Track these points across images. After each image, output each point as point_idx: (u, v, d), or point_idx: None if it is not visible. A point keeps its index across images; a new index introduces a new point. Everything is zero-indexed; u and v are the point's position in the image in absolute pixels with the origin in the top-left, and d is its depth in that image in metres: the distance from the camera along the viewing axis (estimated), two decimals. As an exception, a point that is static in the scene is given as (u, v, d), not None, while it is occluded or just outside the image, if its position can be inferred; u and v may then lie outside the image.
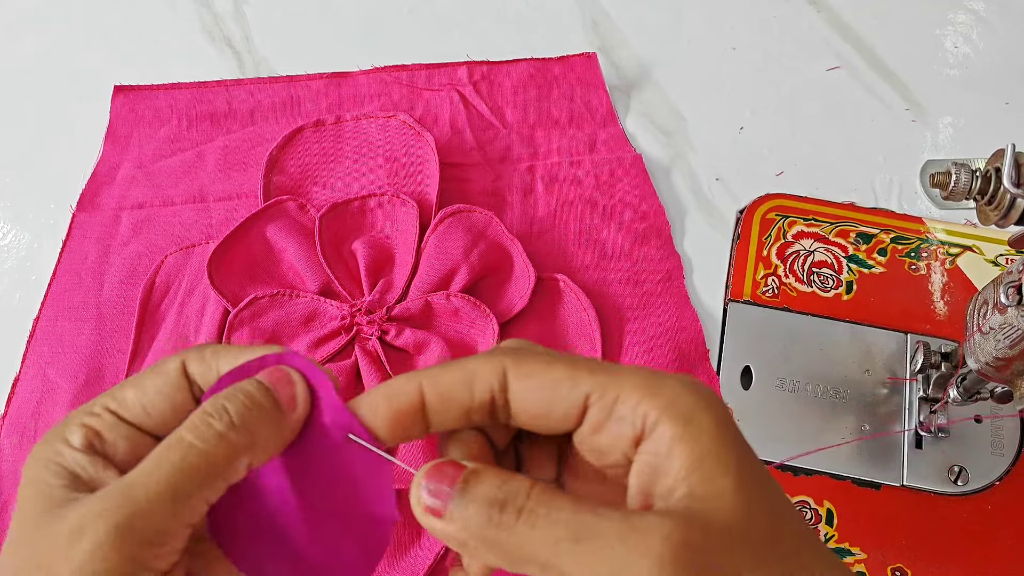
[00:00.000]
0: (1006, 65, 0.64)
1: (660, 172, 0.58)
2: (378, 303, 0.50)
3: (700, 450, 0.20)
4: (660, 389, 0.21)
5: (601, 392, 0.21)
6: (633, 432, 0.21)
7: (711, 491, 0.20)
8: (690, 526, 0.19)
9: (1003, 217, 0.35)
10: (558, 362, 0.22)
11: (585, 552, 0.19)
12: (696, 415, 0.21)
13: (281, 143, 0.56)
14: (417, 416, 0.22)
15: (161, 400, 0.24)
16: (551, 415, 0.22)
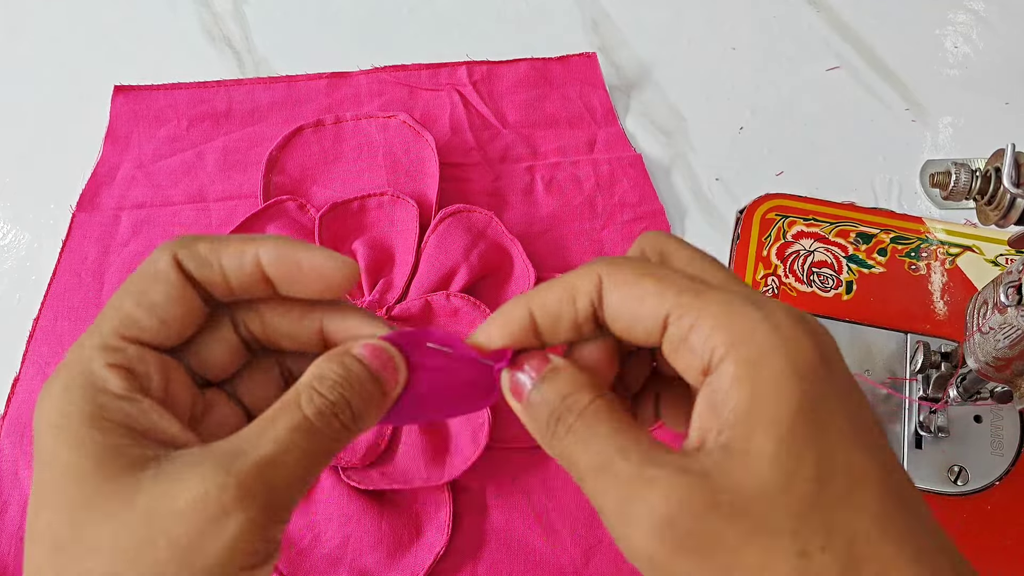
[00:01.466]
0: (1006, 65, 0.64)
1: (660, 172, 0.58)
2: (378, 303, 0.50)
3: (753, 399, 0.18)
4: (736, 321, 0.19)
5: (679, 315, 0.20)
6: (701, 363, 0.20)
7: (746, 449, 0.18)
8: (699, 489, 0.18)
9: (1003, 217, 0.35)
10: (649, 275, 0.21)
11: (599, 485, 0.20)
12: (765, 358, 0.18)
13: (281, 143, 0.56)
14: (529, 336, 0.23)
15: (171, 305, 0.22)
16: (636, 328, 0.21)
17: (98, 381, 0.20)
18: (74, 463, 0.19)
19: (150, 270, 0.22)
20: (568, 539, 0.44)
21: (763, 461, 0.18)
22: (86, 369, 0.20)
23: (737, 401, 0.18)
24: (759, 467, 0.18)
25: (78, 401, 0.20)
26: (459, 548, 0.44)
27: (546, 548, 0.44)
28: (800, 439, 0.18)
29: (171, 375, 0.22)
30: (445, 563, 0.44)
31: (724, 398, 0.19)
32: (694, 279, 0.21)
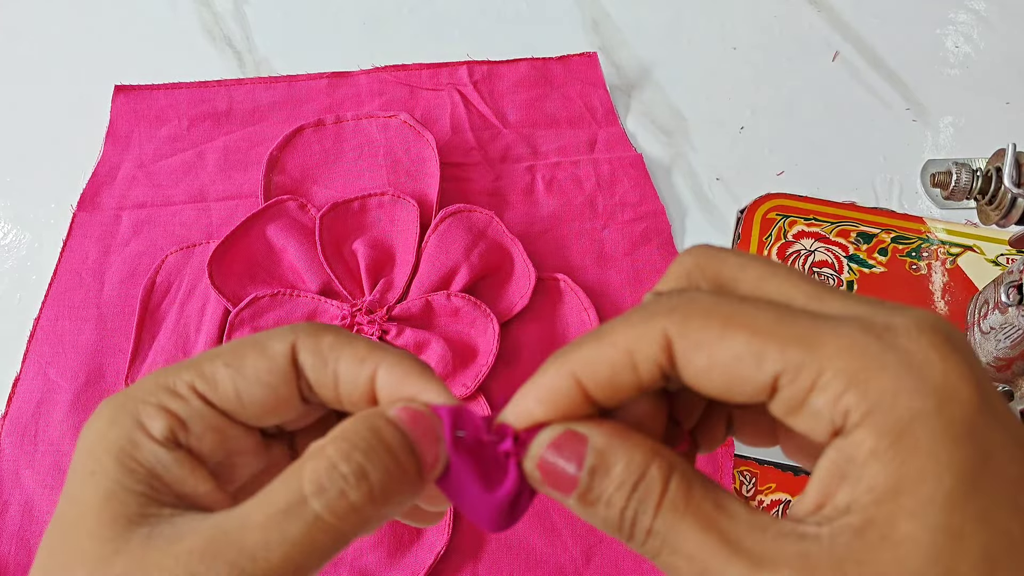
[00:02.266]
0: (1007, 65, 0.64)
1: (660, 172, 0.58)
2: (378, 303, 0.50)
3: (900, 474, 0.15)
4: (874, 375, 0.15)
5: (793, 374, 0.16)
6: (829, 427, 0.16)
7: (890, 536, 0.15)
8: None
9: (1004, 217, 0.35)
10: (735, 325, 0.17)
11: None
12: (913, 427, 0.15)
13: (281, 143, 0.56)
14: (579, 408, 0.18)
15: (261, 389, 0.20)
16: (733, 393, 0.17)
17: (144, 419, 0.19)
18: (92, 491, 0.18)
19: (265, 343, 0.20)
20: (569, 539, 0.44)
21: (915, 551, 0.15)
22: (141, 402, 0.19)
23: (876, 479, 0.15)
24: (909, 559, 0.15)
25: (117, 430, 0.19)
26: (459, 548, 0.44)
27: (546, 548, 0.44)
28: (960, 519, 0.15)
29: (235, 441, 0.20)
30: (445, 563, 0.44)
31: (860, 472, 0.15)
32: (791, 313, 0.17)
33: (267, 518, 0.17)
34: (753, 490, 0.46)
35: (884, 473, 0.15)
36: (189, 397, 0.19)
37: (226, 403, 0.20)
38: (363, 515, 0.18)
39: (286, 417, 0.21)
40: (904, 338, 0.16)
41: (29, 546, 0.44)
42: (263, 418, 0.20)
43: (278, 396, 0.20)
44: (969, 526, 0.15)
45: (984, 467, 0.15)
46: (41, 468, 0.46)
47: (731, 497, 0.17)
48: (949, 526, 0.15)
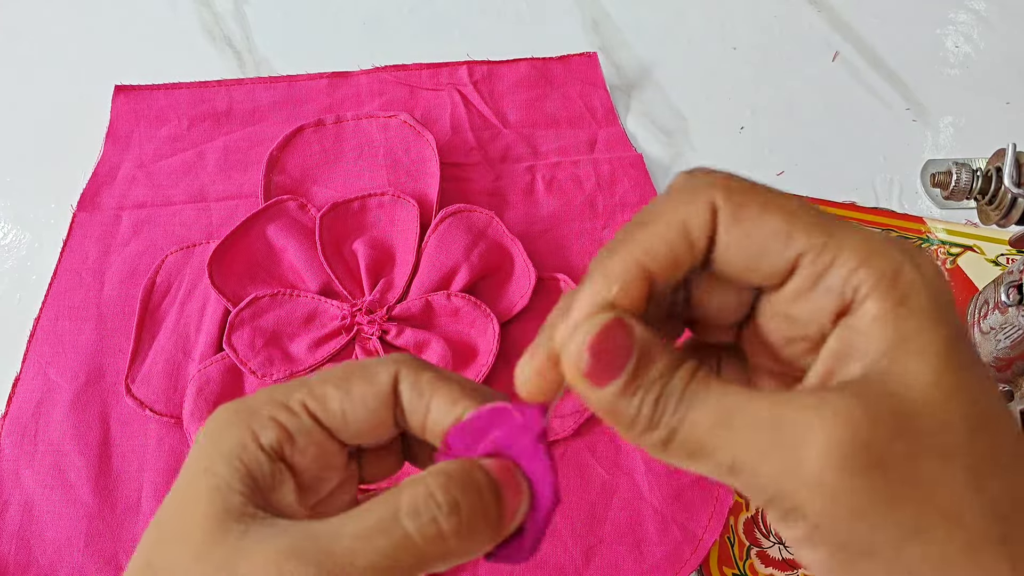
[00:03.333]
0: (1007, 65, 0.64)
1: (660, 172, 0.58)
2: (379, 303, 0.50)
3: (904, 329, 0.17)
4: (880, 260, 0.17)
5: (818, 252, 0.18)
6: (840, 304, 0.18)
7: (903, 371, 0.17)
8: (861, 408, 0.16)
9: (1004, 217, 0.35)
10: (774, 208, 0.18)
11: (729, 436, 0.17)
12: (913, 292, 0.17)
13: (282, 143, 0.56)
14: (643, 293, 0.19)
15: (364, 411, 0.21)
16: (755, 271, 0.18)
17: (257, 428, 0.21)
18: (205, 485, 0.20)
19: (371, 372, 0.22)
20: (569, 539, 0.44)
21: (924, 382, 0.17)
22: (256, 412, 0.21)
23: (884, 335, 0.17)
24: (921, 388, 0.17)
25: (232, 434, 0.21)
26: (459, 548, 0.44)
27: (546, 548, 0.44)
28: (955, 368, 0.17)
29: (331, 458, 0.22)
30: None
31: (866, 336, 0.17)
32: (813, 208, 0.18)
33: (359, 530, 0.19)
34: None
35: (891, 328, 0.17)
36: (300, 413, 0.21)
37: (332, 421, 0.21)
38: (447, 545, 0.19)
39: (381, 438, 0.23)
40: (910, 249, 0.18)
41: (29, 546, 0.44)
42: (361, 437, 0.22)
43: (378, 419, 0.22)
44: (962, 375, 0.17)
45: (960, 332, 0.18)
46: (41, 468, 0.46)
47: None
48: (947, 367, 0.17)
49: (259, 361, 0.47)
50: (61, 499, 0.45)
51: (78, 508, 0.45)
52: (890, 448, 0.16)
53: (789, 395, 0.17)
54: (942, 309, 0.17)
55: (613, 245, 0.19)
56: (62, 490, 0.45)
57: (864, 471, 0.16)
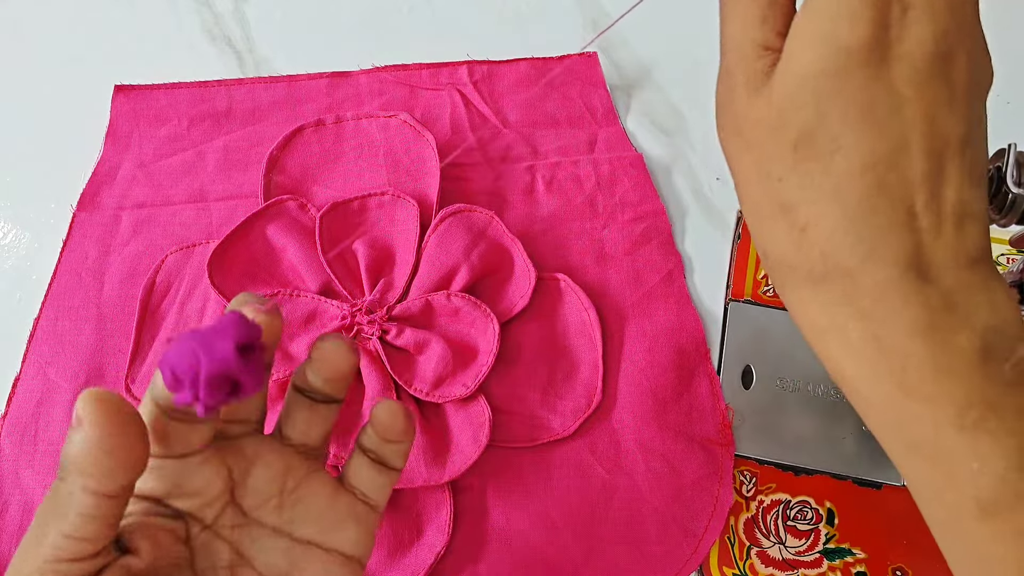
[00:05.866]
0: (1007, 65, 0.64)
1: (661, 172, 0.58)
2: (378, 303, 0.50)
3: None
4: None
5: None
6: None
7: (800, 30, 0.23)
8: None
9: (1004, 217, 0.35)
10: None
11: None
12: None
13: (281, 143, 0.56)
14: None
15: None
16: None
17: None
18: None
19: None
20: (569, 538, 0.44)
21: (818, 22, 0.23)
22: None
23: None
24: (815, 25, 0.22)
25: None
26: (459, 548, 0.44)
27: (546, 548, 0.44)
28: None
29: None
30: (445, 563, 0.44)
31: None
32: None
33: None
34: (754, 490, 0.46)
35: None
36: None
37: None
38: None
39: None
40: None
41: (29, 546, 0.44)
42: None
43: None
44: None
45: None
46: (41, 468, 0.46)
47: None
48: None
49: (259, 361, 0.47)
50: (61, 499, 0.45)
51: (78, 508, 0.44)
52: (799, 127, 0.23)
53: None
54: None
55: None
56: None
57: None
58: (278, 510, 0.27)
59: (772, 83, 0.22)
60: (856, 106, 0.22)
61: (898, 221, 0.22)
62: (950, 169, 0.22)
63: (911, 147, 0.22)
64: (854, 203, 0.22)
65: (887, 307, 0.22)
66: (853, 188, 0.22)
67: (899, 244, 0.22)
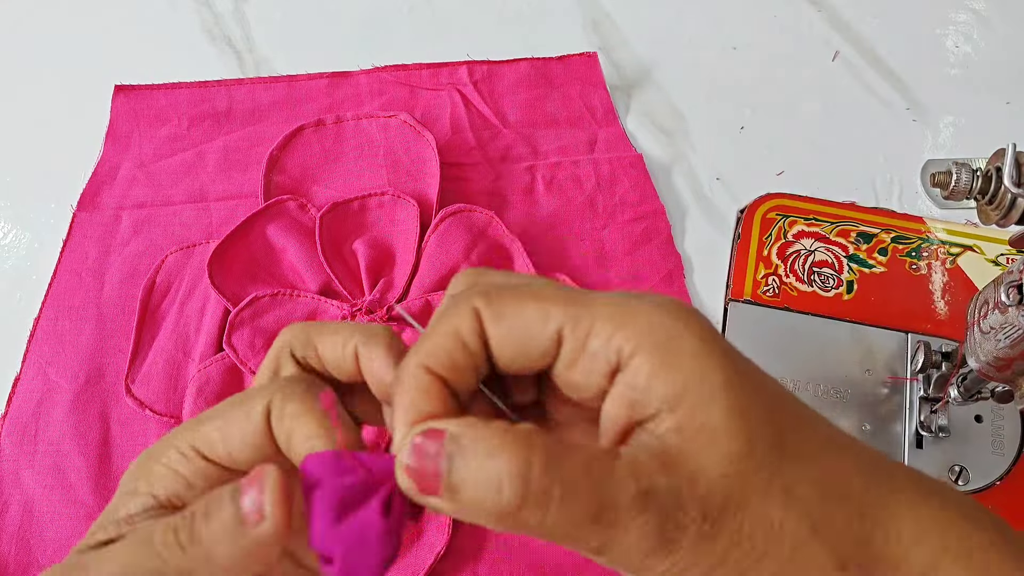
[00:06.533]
0: (1007, 65, 0.64)
1: (660, 172, 0.58)
2: (379, 303, 0.50)
3: (682, 380, 0.19)
4: (634, 317, 0.19)
5: (573, 325, 0.20)
6: (608, 367, 0.19)
7: (699, 423, 0.19)
8: (686, 475, 0.18)
9: (1004, 217, 0.35)
10: (526, 296, 0.20)
11: (600, 539, 0.19)
12: (675, 341, 0.19)
13: (282, 143, 0.56)
14: (444, 396, 0.20)
15: (243, 445, 0.22)
16: (528, 355, 0.20)
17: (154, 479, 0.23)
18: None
19: (249, 407, 0.23)
20: (569, 539, 0.44)
21: (720, 436, 0.18)
22: (157, 461, 0.23)
23: (665, 391, 0.19)
24: (721, 438, 0.18)
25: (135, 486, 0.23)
26: (459, 548, 0.44)
27: (546, 548, 0.44)
28: (744, 402, 0.19)
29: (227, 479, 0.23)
30: (445, 563, 0.44)
31: (647, 391, 0.19)
32: (565, 288, 0.21)
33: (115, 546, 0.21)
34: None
35: (668, 383, 0.19)
36: (192, 457, 0.22)
37: (222, 458, 0.22)
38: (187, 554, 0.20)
39: (265, 461, 0.23)
40: (647, 296, 0.20)
41: (29, 546, 0.44)
42: (250, 465, 0.22)
43: (259, 451, 0.22)
44: (748, 401, 0.19)
45: (735, 361, 0.20)
46: (41, 468, 0.46)
47: (579, 445, 0.19)
48: (735, 405, 0.19)
49: (259, 361, 0.47)
50: (61, 499, 0.45)
51: (78, 508, 0.45)
52: (700, 531, 0.18)
53: (643, 474, 0.18)
54: (709, 345, 0.19)
55: (407, 357, 0.21)
56: (62, 490, 0.45)
57: (704, 539, 0.18)
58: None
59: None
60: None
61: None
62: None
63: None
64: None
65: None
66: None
67: None
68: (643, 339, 0.19)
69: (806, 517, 0.19)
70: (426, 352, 0.20)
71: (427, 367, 0.20)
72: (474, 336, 0.20)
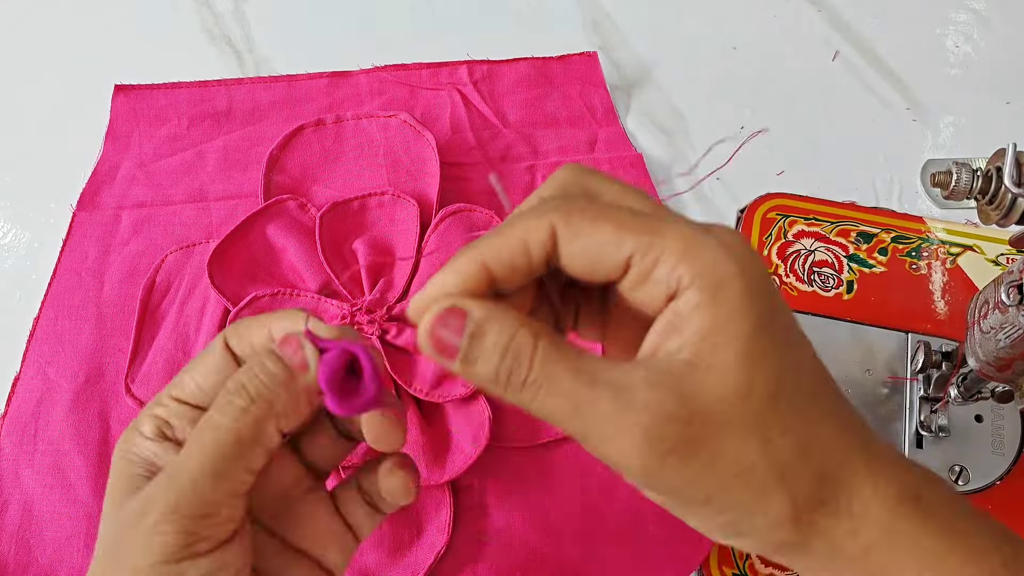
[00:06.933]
0: (1007, 64, 0.64)
1: (660, 171, 0.58)
2: (378, 302, 0.50)
3: (716, 318, 0.21)
4: (699, 252, 0.21)
5: (643, 253, 0.21)
6: (667, 292, 0.21)
7: (712, 361, 0.21)
8: (675, 401, 0.20)
9: (1004, 216, 0.35)
10: (604, 219, 0.22)
11: (579, 422, 0.21)
12: (727, 282, 0.21)
13: (282, 142, 0.56)
14: (484, 287, 0.23)
15: (213, 376, 0.27)
16: (596, 271, 0.22)
17: (140, 426, 0.27)
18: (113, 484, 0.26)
19: (210, 345, 0.28)
20: (568, 538, 0.44)
21: (727, 372, 0.21)
22: (140, 418, 0.27)
23: (700, 323, 0.21)
24: (724, 377, 0.21)
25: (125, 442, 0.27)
26: (459, 548, 0.44)
27: (546, 548, 0.44)
28: (758, 351, 0.21)
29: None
30: (445, 563, 0.44)
31: (687, 320, 0.21)
32: (643, 214, 0.22)
33: (190, 439, 0.25)
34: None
35: (706, 317, 0.21)
36: (168, 403, 0.27)
37: (192, 396, 0.27)
38: (251, 414, 0.25)
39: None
40: (717, 231, 0.22)
41: (29, 546, 0.44)
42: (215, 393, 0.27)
43: (224, 376, 0.27)
44: (763, 351, 0.21)
45: (771, 315, 0.21)
46: (41, 468, 0.46)
47: (589, 352, 0.22)
48: (751, 351, 0.21)
49: (259, 361, 0.47)
50: (61, 499, 0.45)
51: (78, 508, 0.45)
52: (697, 435, 0.20)
53: (622, 387, 0.21)
54: (754, 295, 0.21)
55: (474, 244, 0.23)
56: (62, 490, 0.45)
57: (677, 457, 0.21)
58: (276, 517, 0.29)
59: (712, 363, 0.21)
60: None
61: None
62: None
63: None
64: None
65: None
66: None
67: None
68: (700, 275, 0.21)
69: (776, 466, 0.21)
70: (489, 247, 0.23)
71: (483, 261, 0.22)
72: (540, 248, 0.22)
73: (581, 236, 0.22)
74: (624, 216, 0.22)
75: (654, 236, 0.21)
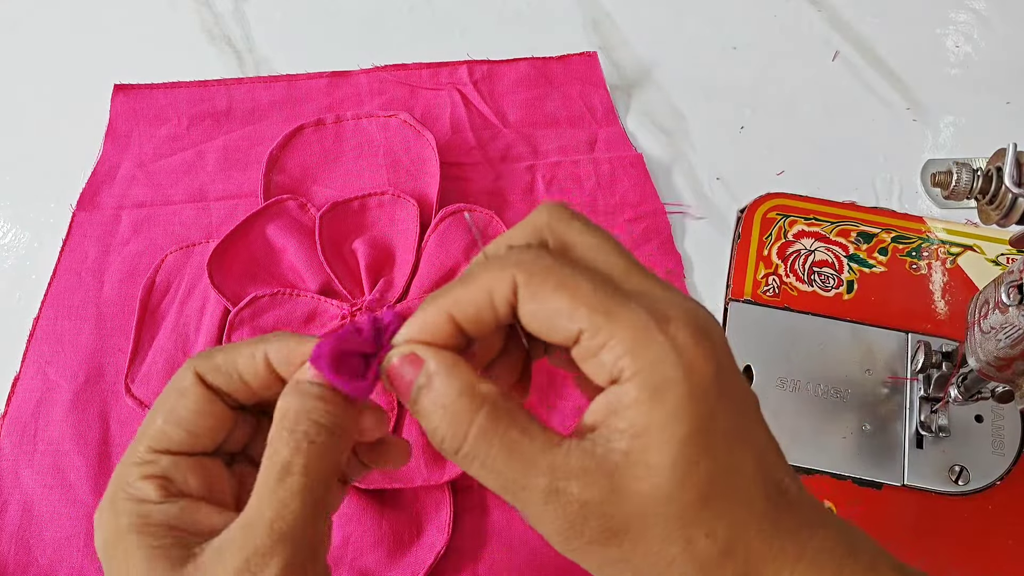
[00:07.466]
0: (1007, 64, 0.64)
1: (660, 171, 0.58)
2: (379, 302, 0.50)
3: (651, 419, 0.21)
4: (645, 350, 0.21)
5: (592, 334, 0.21)
6: (608, 376, 0.22)
7: (644, 460, 0.21)
8: (606, 494, 0.21)
9: (1004, 216, 0.35)
10: (563, 288, 0.22)
11: (511, 498, 0.22)
12: (667, 386, 0.21)
13: (281, 142, 0.56)
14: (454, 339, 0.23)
15: (202, 421, 0.25)
16: (550, 336, 0.23)
17: (138, 493, 0.24)
18: (139, 567, 0.22)
19: (177, 387, 0.25)
20: (569, 539, 0.44)
21: (658, 474, 0.21)
22: (126, 484, 0.24)
23: (635, 420, 0.21)
24: (654, 479, 0.21)
25: (123, 515, 0.23)
26: (459, 548, 0.44)
27: (547, 547, 0.44)
28: (691, 457, 0.21)
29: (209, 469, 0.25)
30: (445, 563, 0.44)
31: (625, 412, 0.21)
32: (604, 287, 0.22)
33: (264, 495, 0.23)
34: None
35: (641, 415, 0.21)
36: (156, 458, 0.25)
37: (184, 445, 0.25)
38: (323, 448, 0.23)
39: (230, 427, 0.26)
40: (674, 326, 0.21)
41: (28, 546, 0.44)
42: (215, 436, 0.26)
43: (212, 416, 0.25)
44: (695, 458, 0.21)
45: (710, 421, 0.21)
46: (41, 468, 0.46)
47: (532, 420, 0.22)
48: (683, 457, 0.21)
49: (259, 361, 0.47)
50: (61, 499, 0.45)
51: (78, 508, 0.44)
52: (625, 526, 0.21)
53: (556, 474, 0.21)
54: (695, 399, 0.21)
55: (441, 292, 0.23)
56: (62, 490, 0.45)
57: (587, 544, 0.21)
58: None
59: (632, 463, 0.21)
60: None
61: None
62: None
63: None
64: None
65: None
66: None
67: None
68: (641, 373, 0.21)
69: (697, 562, 0.21)
70: (455, 300, 0.23)
71: (450, 314, 0.23)
72: (505, 303, 0.22)
73: (537, 300, 0.22)
74: (584, 288, 0.22)
75: (607, 319, 0.21)
